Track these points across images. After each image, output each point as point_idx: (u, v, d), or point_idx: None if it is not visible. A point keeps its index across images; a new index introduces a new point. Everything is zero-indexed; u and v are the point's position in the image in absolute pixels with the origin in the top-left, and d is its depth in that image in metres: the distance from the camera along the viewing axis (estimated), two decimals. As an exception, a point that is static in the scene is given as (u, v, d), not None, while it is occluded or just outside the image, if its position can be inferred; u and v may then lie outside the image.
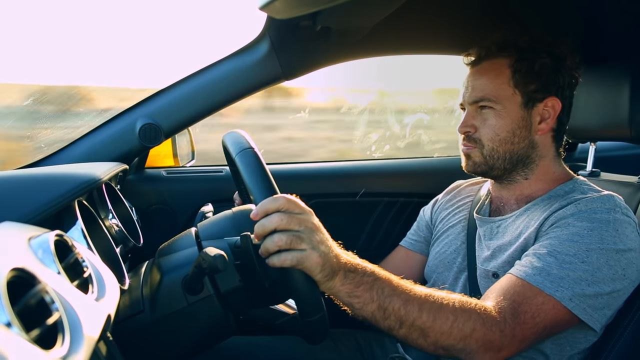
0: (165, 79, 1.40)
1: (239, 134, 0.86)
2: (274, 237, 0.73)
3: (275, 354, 1.18)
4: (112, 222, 1.07)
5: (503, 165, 1.07)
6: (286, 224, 0.73)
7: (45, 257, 0.58)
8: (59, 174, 0.92)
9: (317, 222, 0.77)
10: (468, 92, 1.08)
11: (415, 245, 1.30)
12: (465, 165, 1.11)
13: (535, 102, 1.05)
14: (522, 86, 1.04)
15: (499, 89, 1.04)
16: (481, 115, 1.06)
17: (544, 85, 1.04)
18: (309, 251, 0.73)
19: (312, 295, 0.75)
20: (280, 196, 0.75)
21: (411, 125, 3.56)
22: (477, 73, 1.08)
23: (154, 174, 1.60)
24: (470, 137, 1.08)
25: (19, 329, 0.44)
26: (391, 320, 0.79)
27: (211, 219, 0.97)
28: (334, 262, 0.76)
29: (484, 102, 1.05)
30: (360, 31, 1.28)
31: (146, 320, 0.83)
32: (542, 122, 1.06)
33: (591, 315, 0.86)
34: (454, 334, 0.80)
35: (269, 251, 0.74)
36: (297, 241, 0.73)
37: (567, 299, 0.84)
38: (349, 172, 1.73)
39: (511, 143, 1.05)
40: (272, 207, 0.74)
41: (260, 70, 1.37)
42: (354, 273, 0.78)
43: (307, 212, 0.76)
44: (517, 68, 1.04)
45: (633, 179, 1.14)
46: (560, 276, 0.86)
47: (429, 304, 0.81)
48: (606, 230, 0.88)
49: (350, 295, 0.77)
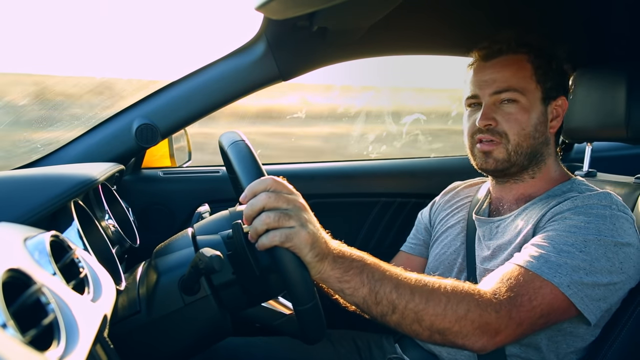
0: (162, 78, 1.40)
1: (233, 132, 0.87)
2: (262, 216, 0.72)
3: (272, 355, 1.18)
4: (109, 223, 1.07)
5: (523, 161, 1.06)
6: (274, 203, 0.72)
7: (41, 257, 0.58)
8: (55, 175, 0.92)
9: (305, 203, 0.77)
10: (487, 84, 1.05)
11: (416, 249, 1.31)
12: (484, 163, 1.07)
13: (550, 99, 1.06)
14: (543, 82, 1.05)
15: (523, 82, 1.04)
16: (502, 109, 1.04)
17: (558, 84, 1.07)
18: (297, 228, 0.72)
19: (303, 280, 0.74)
20: (267, 177, 0.75)
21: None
22: (497, 66, 1.06)
23: (150, 174, 1.60)
24: (493, 131, 1.05)
25: (15, 330, 0.43)
26: (383, 305, 0.78)
27: (208, 220, 0.97)
28: (323, 245, 0.75)
29: (509, 94, 1.03)
30: (357, 32, 1.28)
31: (143, 321, 0.83)
32: (553, 120, 1.08)
33: (587, 305, 0.86)
34: (449, 315, 0.79)
35: (258, 232, 0.73)
36: (285, 218, 0.72)
37: (565, 285, 0.84)
38: (346, 173, 1.73)
39: (533, 138, 1.05)
40: (259, 187, 0.74)
41: (257, 70, 1.37)
42: (343, 258, 0.77)
43: (295, 193, 0.76)
44: (537, 64, 1.05)
45: (629, 179, 1.15)
46: (558, 263, 0.85)
47: (420, 286, 0.80)
48: (603, 224, 0.89)
49: (341, 281, 0.77)
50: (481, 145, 1.07)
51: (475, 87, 1.08)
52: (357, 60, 1.51)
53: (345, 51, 1.45)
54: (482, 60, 1.09)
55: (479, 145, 1.07)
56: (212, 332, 0.88)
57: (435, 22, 1.33)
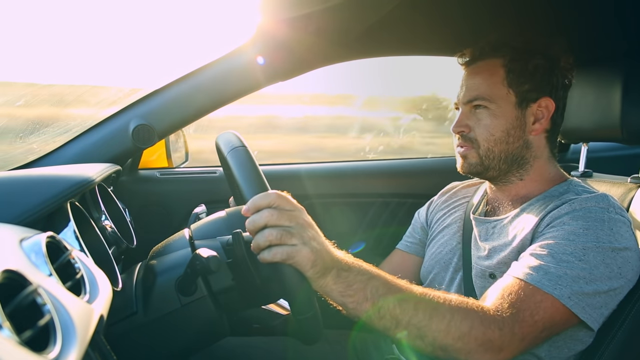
0: (158, 79, 1.39)
1: (231, 134, 0.86)
2: (265, 232, 0.72)
3: (269, 355, 1.18)
4: (105, 224, 1.07)
5: (498, 165, 1.06)
6: (277, 220, 0.73)
7: (37, 258, 0.58)
8: (51, 176, 0.92)
9: (309, 219, 0.77)
10: (462, 91, 1.08)
11: (411, 248, 1.31)
12: (461, 166, 1.11)
13: (529, 102, 1.05)
14: (516, 86, 1.04)
15: (493, 88, 1.04)
16: (475, 115, 1.06)
17: (538, 86, 1.05)
18: (299, 246, 0.72)
19: (303, 292, 0.75)
20: (271, 192, 0.75)
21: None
22: (471, 73, 1.09)
23: (147, 175, 1.60)
24: (465, 137, 1.08)
25: (10, 331, 0.43)
26: (386, 320, 0.78)
27: (204, 220, 0.97)
28: (327, 260, 0.75)
29: (478, 102, 1.05)
30: (353, 32, 1.28)
31: (139, 322, 0.83)
32: (535, 122, 1.06)
33: (590, 314, 0.86)
34: (452, 332, 0.79)
35: (260, 247, 0.74)
36: (288, 236, 0.72)
37: (565, 297, 0.84)
38: (343, 173, 1.73)
39: (506, 143, 1.05)
40: (263, 203, 0.74)
41: (255, 71, 1.37)
42: (347, 272, 0.77)
43: (298, 209, 0.76)
44: (510, 68, 1.04)
45: (625, 180, 1.15)
46: (558, 274, 0.86)
47: (424, 302, 0.80)
48: (601, 229, 0.89)
49: (344, 295, 0.77)
50: (457, 148, 1.10)
51: (458, 93, 1.11)
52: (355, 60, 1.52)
53: (342, 51, 1.45)
54: (464, 66, 1.12)
55: (457, 149, 1.10)
56: (209, 333, 0.88)
57: (434, 22, 1.33)
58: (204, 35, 1.81)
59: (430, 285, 1.16)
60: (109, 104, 1.44)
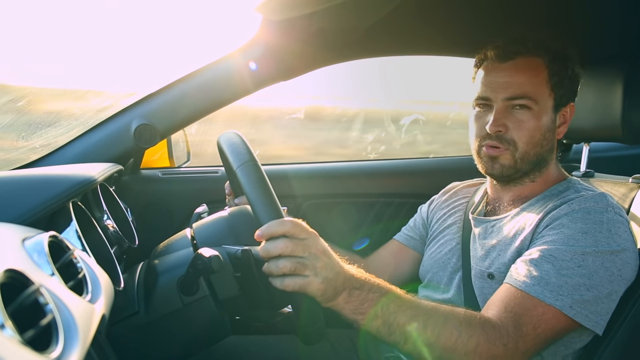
0: (160, 80, 1.40)
1: (237, 142, 0.84)
2: (279, 263, 0.74)
3: (270, 354, 1.18)
4: (107, 223, 1.07)
5: (528, 168, 1.03)
6: (291, 251, 0.74)
7: (40, 258, 0.58)
8: (53, 175, 0.92)
9: (322, 246, 0.77)
10: (502, 87, 1.00)
11: (410, 241, 1.30)
12: (491, 168, 1.04)
13: (561, 106, 1.03)
14: (557, 89, 1.01)
15: (538, 88, 1.00)
16: (514, 115, 1.00)
17: (570, 91, 1.04)
18: (311, 278, 0.74)
19: (311, 311, 0.76)
20: (286, 220, 0.75)
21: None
22: (512, 69, 1.01)
23: (149, 174, 1.60)
24: (501, 138, 1.01)
25: (13, 330, 0.44)
26: (396, 335, 0.80)
27: (206, 220, 0.97)
28: (338, 284, 0.77)
29: (522, 101, 0.99)
30: (356, 31, 1.28)
31: (141, 322, 0.83)
32: (560, 126, 1.05)
33: (593, 320, 0.87)
34: (458, 349, 0.81)
35: (273, 274, 0.76)
36: (301, 268, 0.74)
37: (567, 307, 0.85)
38: (345, 173, 1.73)
39: (540, 146, 1.02)
40: (278, 231, 0.74)
41: (257, 70, 1.37)
42: (359, 290, 0.79)
43: (312, 236, 0.77)
44: (553, 70, 1.00)
45: (626, 180, 1.15)
46: (558, 284, 0.86)
47: (433, 320, 0.82)
48: (600, 232, 0.89)
49: (355, 312, 0.79)
50: (487, 149, 1.03)
51: (488, 88, 1.02)
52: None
53: (345, 51, 1.45)
54: (496, 61, 1.02)
55: (485, 149, 1.03)
56: (211, 333, 0.89)
57: (436, 21, 1.32)
58: (206, 35, 1.82)
59: (428, 284, 1.17)
60: (110, 105, 1.44)
